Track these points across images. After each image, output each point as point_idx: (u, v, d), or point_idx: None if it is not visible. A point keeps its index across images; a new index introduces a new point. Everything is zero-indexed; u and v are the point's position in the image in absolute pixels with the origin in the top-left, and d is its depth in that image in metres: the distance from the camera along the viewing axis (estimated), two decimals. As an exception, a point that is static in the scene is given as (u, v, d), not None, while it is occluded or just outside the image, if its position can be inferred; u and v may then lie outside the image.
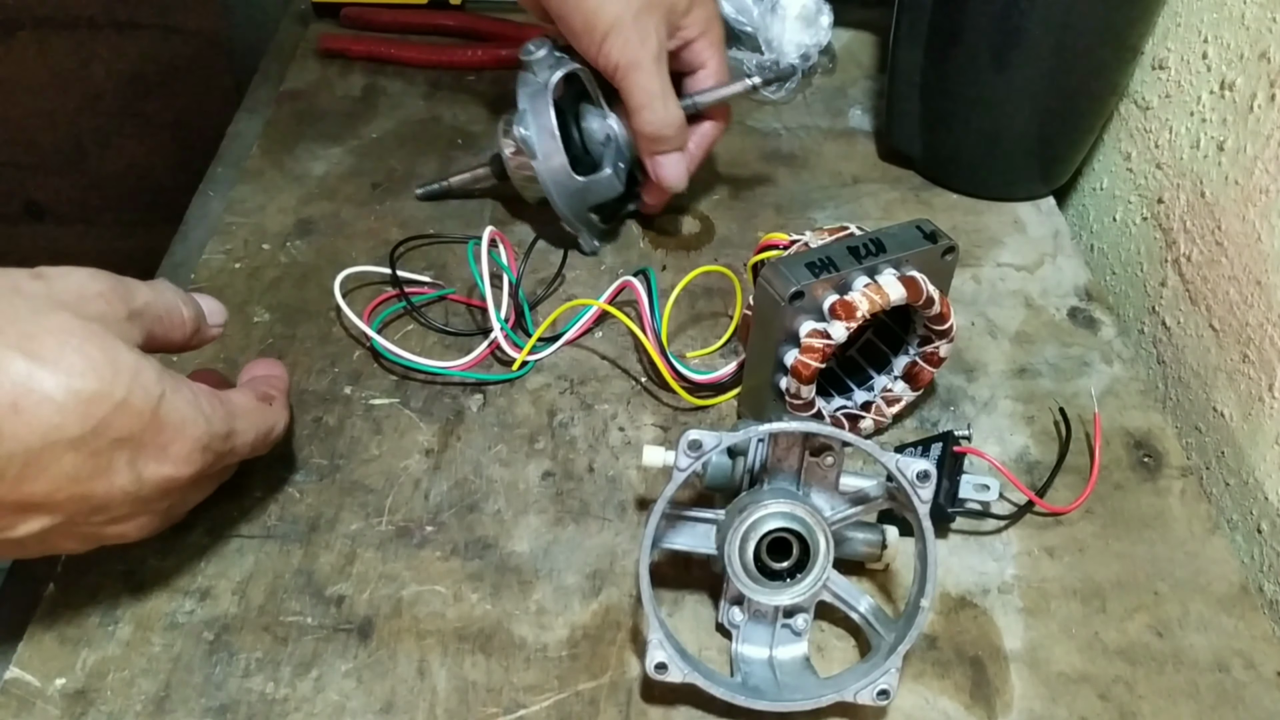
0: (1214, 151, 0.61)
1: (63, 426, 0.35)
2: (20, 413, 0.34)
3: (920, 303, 0.49)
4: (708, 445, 0.40)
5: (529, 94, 0.59)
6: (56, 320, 0.36)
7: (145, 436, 0.38)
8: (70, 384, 0.35)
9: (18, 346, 0.35)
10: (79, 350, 0.36)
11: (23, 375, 0.34)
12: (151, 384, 0.38)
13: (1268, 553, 0.55)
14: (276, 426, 0.46)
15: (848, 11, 0.84)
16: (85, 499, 0.37)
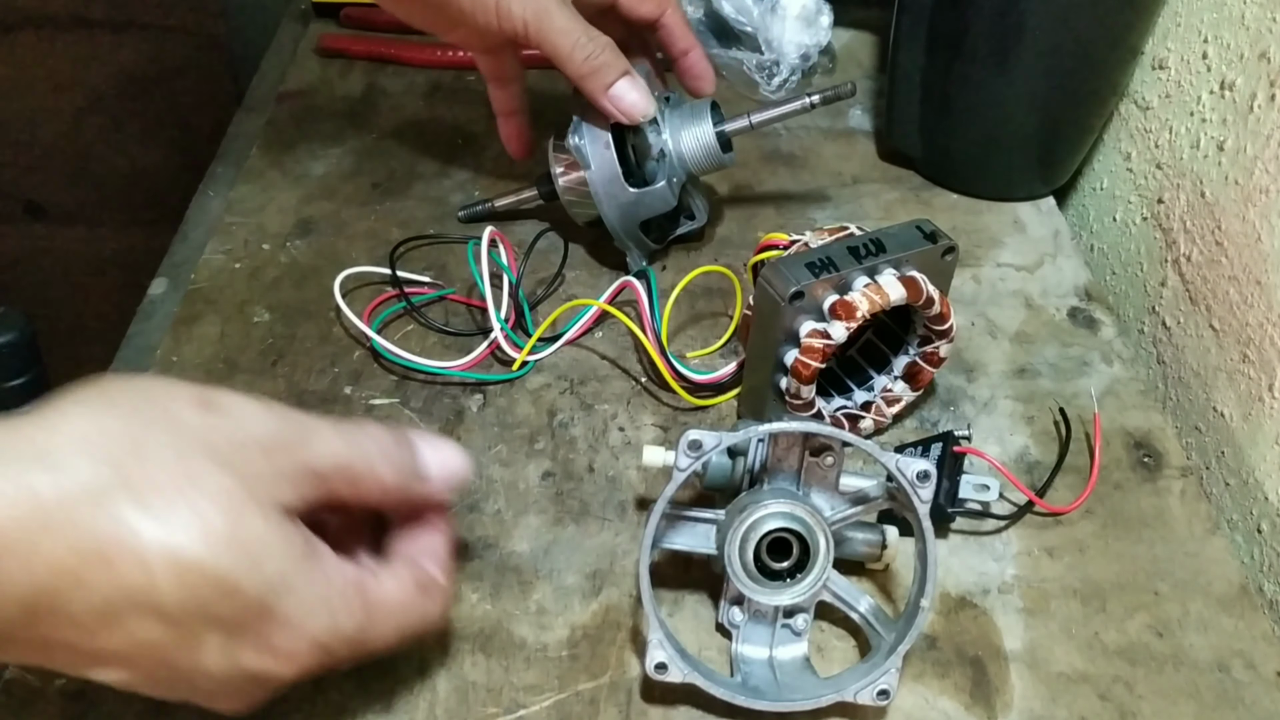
0: (1214, 151, 0.61)
1: (150, 593, 0.30)
2: (108, 565, 0.29)
3: (920, 303, 0.49)
4: (708, 445, 0.40)
5: (584, 103, 0.58)
6: (191, 467, 0.31)
7: (249, 624, 0.32)
8: (172, 548, 0.30)
9: (131, 488, 0.30)
10: (198, 511, 0.31)
11: (123, 524, 0.30)
12: (273, 569, 0.32)
13: (1268, 553, 0.55)
14: (428, 618, 0.38)
15: (848, 11, 0.84)
16: (166, 667, 0.32)
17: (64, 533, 0.29)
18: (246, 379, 0.56)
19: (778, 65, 0.78)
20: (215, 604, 0.31)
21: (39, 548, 0.29)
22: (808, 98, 0.60)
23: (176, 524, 0.30)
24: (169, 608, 0.30)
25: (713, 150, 0.60)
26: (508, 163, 0.73)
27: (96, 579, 0.29)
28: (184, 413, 0.33)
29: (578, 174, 0.59)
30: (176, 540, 0.30)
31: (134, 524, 0.30)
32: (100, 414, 0.31)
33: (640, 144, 0.60)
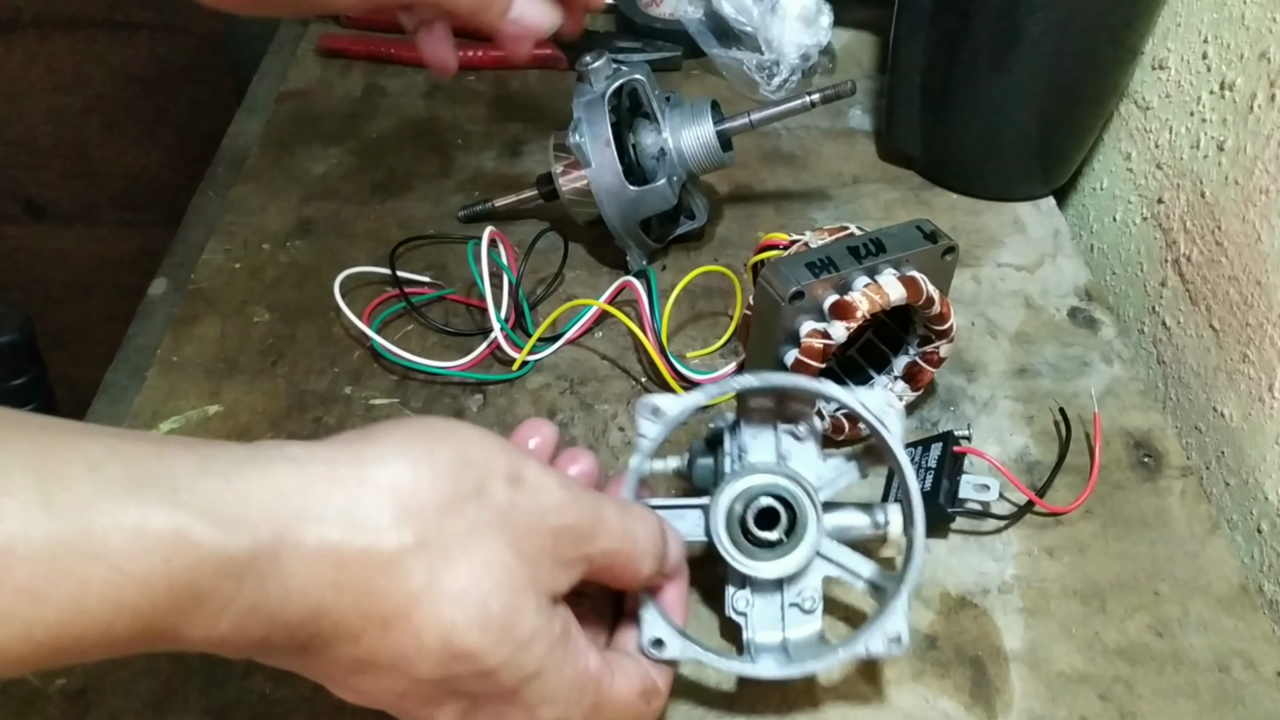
0: (1214, 151, 0.61)
1: (415, 663, 0.31)
2: (385, 629, 0.30)
3: (920, 303, 0.49)
4: (667, 409, 0.39)
5: (584, 103, 0.58)
6: (487, 548, 0.32)
7: (491, 703, 0.33)
8: (446, 628, 0.31)
9: (427, 557, 0.31)
10: (481, 593, 0.31)
11: (408, 593, 0.30)
12: (532, 661, 0.33)
13: (1268, 553, 0.55)
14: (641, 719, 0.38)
15: (848, 11, 0.84)
16: (399, 709, 0.33)
17: (354, 593, 0.30)
18: (246, 379, 0.56)
19: (778, 65, 0.78)
20: (470, 683, 0.32)
21: (327, 602, 0.29)
22: (808, 97, 0.60)
23: (458, 602, 0.31)
24: (426, 677, 0.31)
25: (713, 149, 0.60)
26: (508, 162, 0.73)
27: (370, 639, 0.30)
28: (495, 486, 0.33)
29: (578, 173, 0.59)
30: (453, 620, 0.31)
31: (419, 595, 0.30)
32: (419, 471, 0.32)
33: (640, 142, 0.60)
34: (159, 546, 0.26)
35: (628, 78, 0.59)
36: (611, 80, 0.58)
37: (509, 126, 0.76)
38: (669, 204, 0.59)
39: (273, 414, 0.54)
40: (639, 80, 0.59)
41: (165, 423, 0.53)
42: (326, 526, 0.29)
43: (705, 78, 0.82)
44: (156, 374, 0.56)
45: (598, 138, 0.58)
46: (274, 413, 0.54)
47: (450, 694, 0.32)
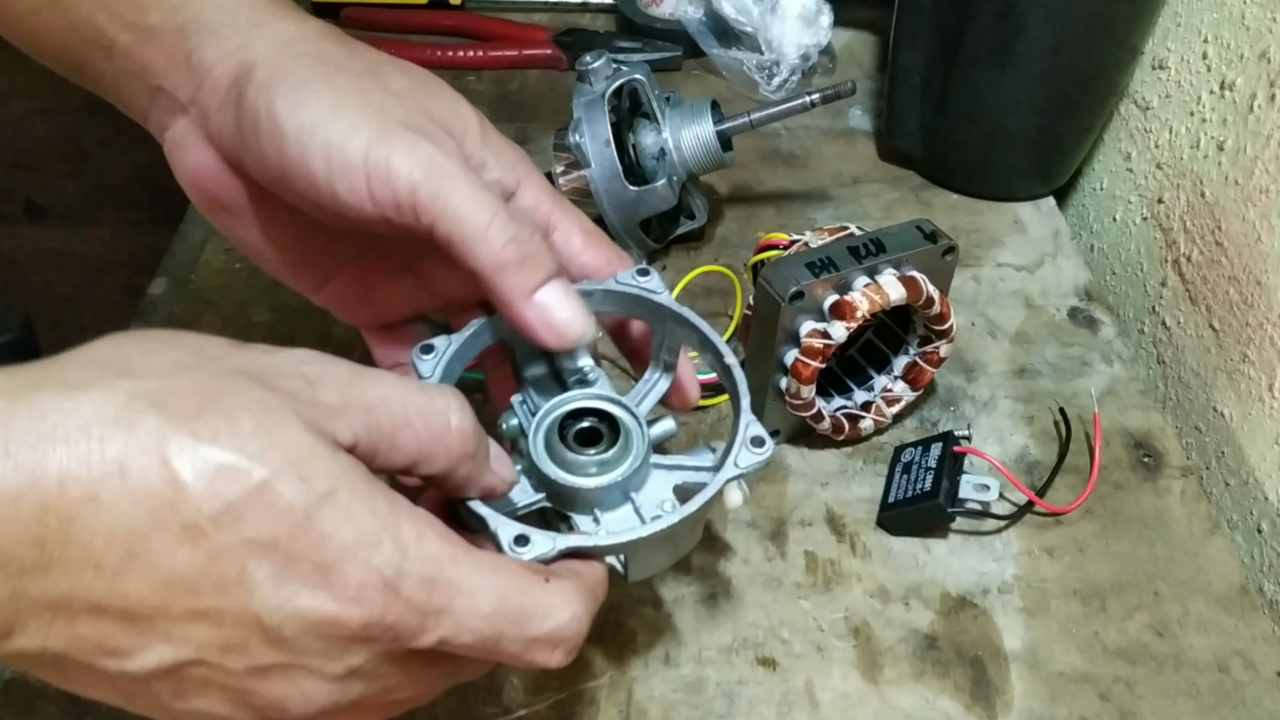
0: (1214, 151, 0.61)
1: (176, 501, 0.25)
2: (125, 474, 0.25)
3: (920, 303, 0.49)
4: (440, 347, 0.37)
5: (584, 103, 0.58)
6: (222, 382, 0.28)
7: (295, 547, 0.27)
8: (199, 451, 0.26)
9: (150, 398, 0.26)
10: (230, 417, 0.27)
11: (140, 430, 0.26)
12: (320, 481, 0.27)
13: (1268, 553, 0.55)
14: (541, 615, 0.30)
15: (848, 11, 0.84)
16: (212, 619, 0.27)
17: (73, 446, 0.25)
18: (246, 379, 0.56)
19: (778, 65, 0.78)
20: (253, 517, 0.26)
21: (44, 463, 0.25)
22: (808, 97, 0.60)
23: (203, 430, 0.26)
24: (199, 520, 0.26)
25: (713, 149, 0.60)
26: (508, 163, 0.73)
27: (112, 491, 0.25)
28: (209, 344, 0.29)
29: (578, 172, 0.59)
30: (203, 445, 0.26)
31: (154, 429, 0.26)
32: (116, 342, 0.29)
33: (640, 142, 0.60)
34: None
35: (628, 78, 0.59)
36: (611, 80, 0.58)
37: (509, 126, 0.76)
38: (669, 204, 0.59)
39: (273, 414, 0.54)
40: (639, 80, 0.59)
41: (165, 423, 0.53)
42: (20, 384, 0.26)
43: (705, 78, 0.82)
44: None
45: (598, 138, 0.58)
46: (274, 413, 0.54)
47: (246, 548, 0.26)
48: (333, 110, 0.35)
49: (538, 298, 0.36)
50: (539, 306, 0.36)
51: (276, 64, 0.37)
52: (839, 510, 0.51)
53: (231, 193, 0.40)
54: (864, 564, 0.49)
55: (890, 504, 0.50)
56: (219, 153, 0.39)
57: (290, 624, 0.27)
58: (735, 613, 0.47)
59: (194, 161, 0.40)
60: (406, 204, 0.35)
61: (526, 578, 0.31)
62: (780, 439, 0.54)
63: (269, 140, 0.36)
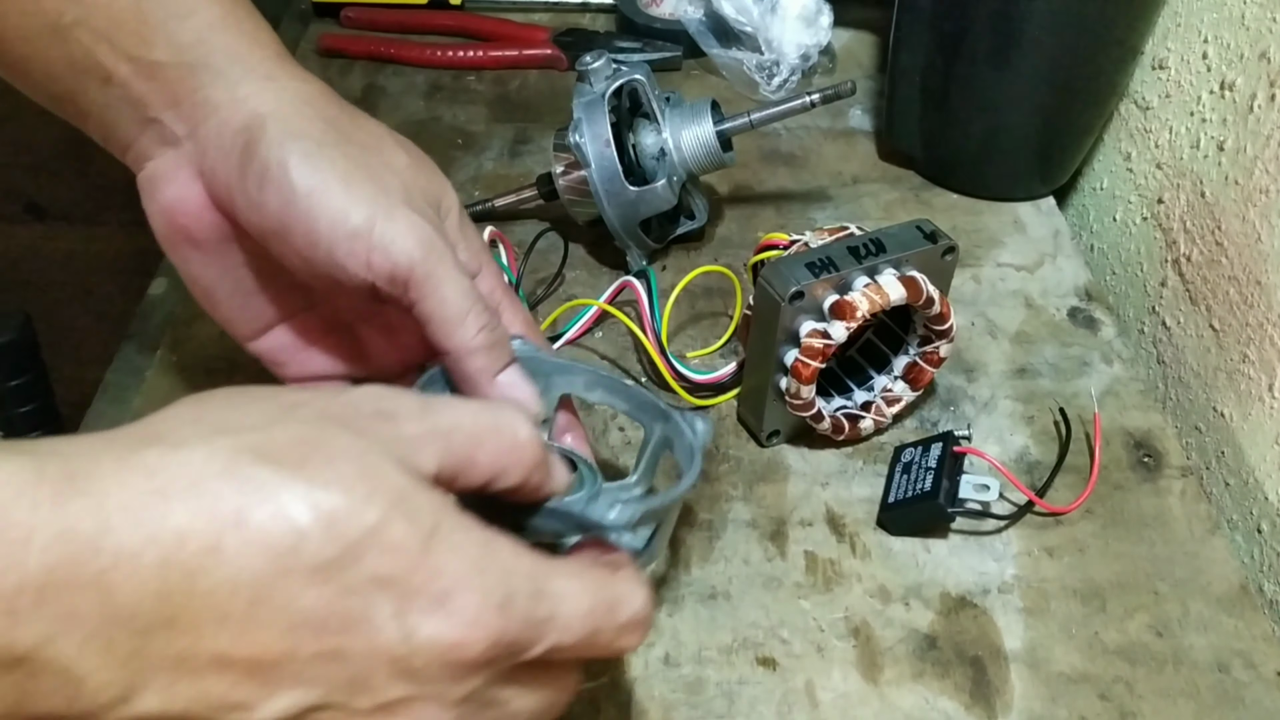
0: (1214, 151, 0.61)
1: (299, 547, 0.26)
2: (244, 524, 0.26)
3: (920, 303, 0.49)
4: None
5: (584, 103, 0.58)
6: (309, 431, 0.28)
7: (414, 581, 0.27)
8: (312, 499, 0.26)
9: (254, 450, 0.27)
10: (333, 466, 0.27)
11: (253, 482, 0.26)
12: (426, 517, 0.28)
13: (1268, 553, 0.55)
14: (625, 601, 0.32)
15: (848, 11, 0.84)
16: (339, 659, 0.27)
17: (188, 501, 0.26)
18: (246, 379, 0.56)
19: (778, 65, 0.78)
20: (372, 557, 0.27)
21: (162, 519, 0.25)
22: (808, 97, 0.60)
23: (313, 477, 0.27)
24: (322, 562, 0.26)
25: (713, 149, 0.60)
26: (508, 162, 0.73)
27: (233, 542, 0.26)
28: (283, 394, 0.30)
29: (578, 173, 0.59)
30: (315, 490, 0.27)
31: (266, 480, 0.26)
32: (198, 402, 0.29)
33: (640, 143, 0.60)
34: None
35: (628, 78, 0.59)
36: (611, 80, 0.58)
37: (509, 126, 0.76)
38: (669, 205, 0.59)
39: (273, 414, 0.54)
40: (639, 80, 0.59)
41: (165, 423, 0.53)
42: (127, 452, 0.27)
43: (705, 78, 0.82)
44: (156, 374, 0.56)
45: (598, 138, 0.58)
46: (274, 413, 0.54)
47: (368, 584, 0.27)
48: (344, 179, 0.39)
49: (500, 379, 0.41)
50: (502, 386, 0.41)
51: (290, 122, 0.40)
52: (839, 510, 0.51)
53: (205, 230, 0.42)
54: (864, 564, 0.49)
55: (890, 504, 0.50)
56: (207, 189, 0.41)
57: (418, 654, 0.28)
58: (735, 613, 0.47)
59: (174, 195, 0.41)
60: (401, 278, 0.38)
61: (604, 572, 0.32)
62: (780, 439, 0.54)
63: (275, 193, 0.38)
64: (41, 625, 0.24)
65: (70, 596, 0.24)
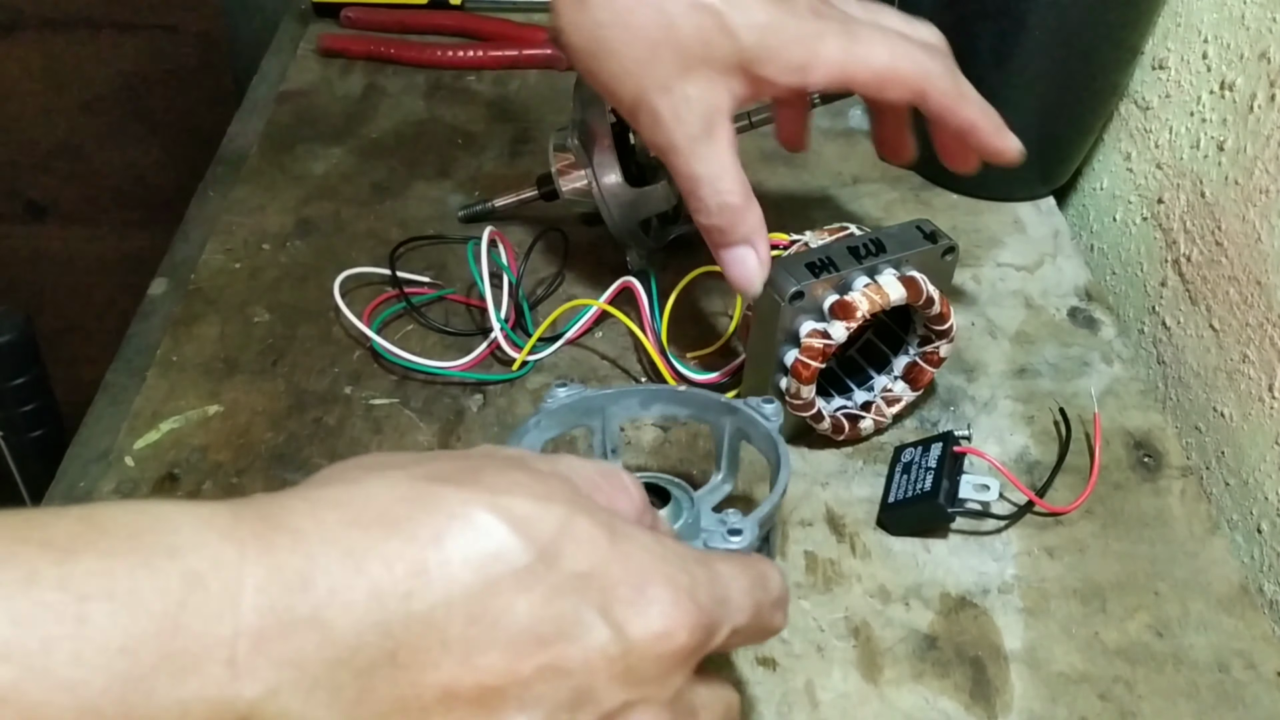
0: (1214, 151, 0.61)
1: (501, 556, 0.26)
2: (443, 543, 0.26)
3: (920, 303, 0.49)
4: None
5: (584, 103, 0.58)
6: (475, 462, 0.29)
7: (611, 573, 0.28)
8: (497, 505, 0.27)
9: (433, 478, 0.27)
10: (499, 475, 0.28)
11: (439, 502, 0.26)
12: (597, 511, 0.29)
13: (1268, 553, 0.55)
14: (770, 575, 0.33)
15: (848, 11, 0.84)
16: (560, 672, 0.26)
17: (385, 528, 0.26)
18: (246, 379, 0.56)
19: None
20: (570, 551, 0.27)
21: (365, 550, 0.25)
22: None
23: (496, 488, 0.27)
24: (525, 565, 0.26)
25: None
26: (508, 162, 0.73)
27: (436, 559, 0.25)
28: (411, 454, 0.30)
29: (578, 173, 0.59)
30: (501, 497, 0.27)
31: (452, 496, 0.27)
32: (347, 461, 0.29)
33: (640, 143, 0.60)
34: None
35: None
36: None
37: (509, 126, 0.76)
38: (669, 204, 0.59)
39: (273, 414, 0.54)
40: None
41: (165, 422, 0.53)
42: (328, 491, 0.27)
43: (705, 78, 0.82)
44: (156, 374, 0.56)
45: (598, 138, 0.58)
46: (274, 413, 0.54)
47: (572, 582, 0.27)
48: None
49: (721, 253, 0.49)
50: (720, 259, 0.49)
51: None
52: (839, 510, 0.51)
53: None
54: (864, 564, 0.49)
55: (890, 504, 0.50)
56: None
57: (633, 651, 0.27)
58: (735, 613, 0.47)
59: None
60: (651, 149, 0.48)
61: (742, 555, 0.33)
62: (780, 439, 0.54)
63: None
64: (264, 674, 0.23)
65: (290, 639, 0.23)
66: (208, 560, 0.23)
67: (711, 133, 0.45)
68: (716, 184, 0.46)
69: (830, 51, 0.45)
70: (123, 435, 0.53)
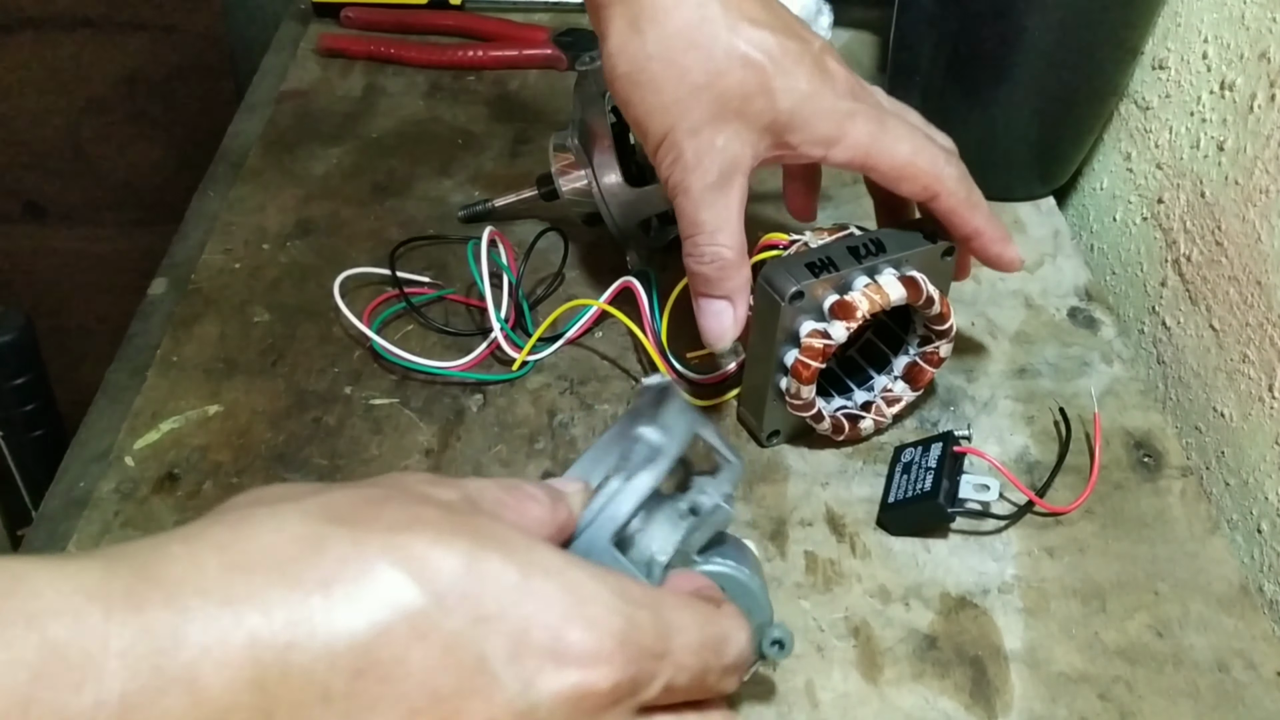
0: (1214, 151, 0.61)
1: (395, 601, 0.24)
2: (330, 590, 0.24)
3: (920, 303, 0.49)
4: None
5: (584, 103, 0.58)
6: (383, 492, 0.28)
7: (524, 615, 0.25)
8: (392, 547, 0.25)
9: (327, 518, 0.25)
10: (405, 512, 0.26)
11: (329, 544, 0.25)
12: (518, 548, 0.26)
13: (1268, 553, 0.55)
14: (731, 639, 0.30)
15: (848, 11, 0.84)
16: None
17: (268, 573, 0.24)
18: (246, 379, 0.56)
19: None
20: (474, 591, 0.25)
21: (247, 597, 0.23)
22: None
23: (392, 528, 0.26)
24: (421, 609, 0.24)
25: None
26: (508, 162, 0.73)
27: (322, 604, 0.24)
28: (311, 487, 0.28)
29: (578, 173, 0.59)
30: (398, 536, 0.25)
31: (340, 539, 0.25)
32: (250, 491, 0.28)
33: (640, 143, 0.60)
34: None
35: None
36: None
37: (509, 126, 0.76)
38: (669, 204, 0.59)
39: (273, 414, 0.54)
40: None
41: (165, 422, 0.53)
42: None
43: (705, 78, 0.82)
44: (156, 374, 0.56)
45: (598, 138, 0.58)
46: (274, 413, 0.54)
47: (474, 627, 0.25)
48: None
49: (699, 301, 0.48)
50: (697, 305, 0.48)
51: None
52: (839, 510, 0.51)
53: None
54: (864, 564, 0.49)
55: (890, 504, 0.51)
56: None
57: (543, 706, 0.25)
58: (735, 613, 0.47)
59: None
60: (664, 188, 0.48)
61: (710, 607, 0.30)
62: (780, 439, 0.54)
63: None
64: None
65: (158, 703, 0.22)
66: (68, 626, 0.22)
67: (726, 184, 0.46)
68: (716, 235, 0.46)
69: (859, 134, 0.46)
70: (123, 435, 0.53)
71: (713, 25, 0.44)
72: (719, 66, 0.44)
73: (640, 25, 0.44)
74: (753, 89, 0.44)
